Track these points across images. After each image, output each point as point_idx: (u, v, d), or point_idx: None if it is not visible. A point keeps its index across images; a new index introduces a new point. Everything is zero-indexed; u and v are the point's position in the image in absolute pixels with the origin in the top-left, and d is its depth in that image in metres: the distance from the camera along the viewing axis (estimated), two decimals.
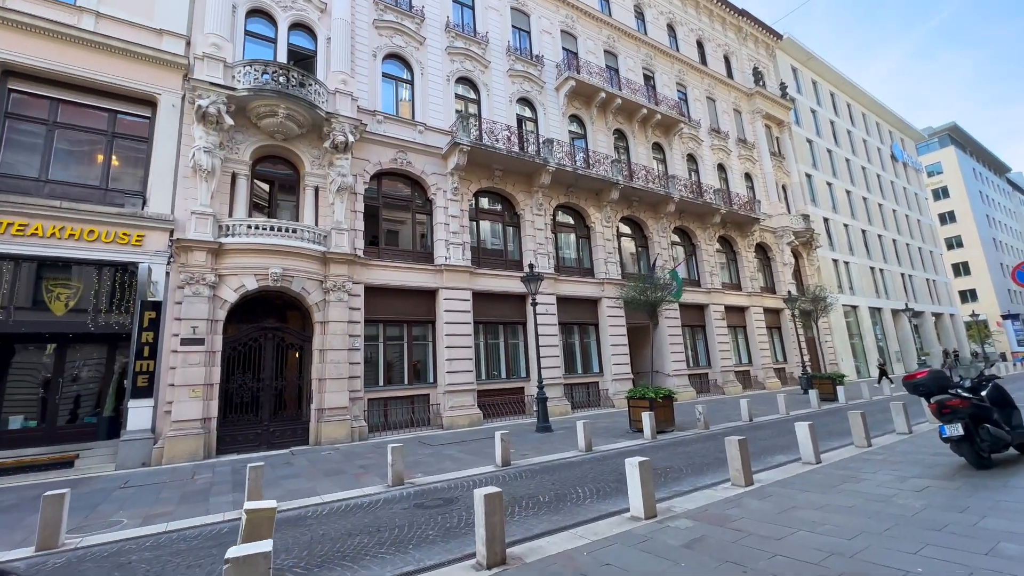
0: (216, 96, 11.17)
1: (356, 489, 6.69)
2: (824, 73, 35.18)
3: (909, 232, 39.76)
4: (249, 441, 10.96)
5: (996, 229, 57.18)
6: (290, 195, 13.26)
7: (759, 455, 7.79)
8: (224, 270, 11.01)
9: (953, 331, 41.16)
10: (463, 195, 15.31)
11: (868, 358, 29.99)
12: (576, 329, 17.79)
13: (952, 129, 57.27)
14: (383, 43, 15.07)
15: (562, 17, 20.19)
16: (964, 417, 5.61)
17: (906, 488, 5.00)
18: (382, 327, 13.72)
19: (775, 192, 26.90)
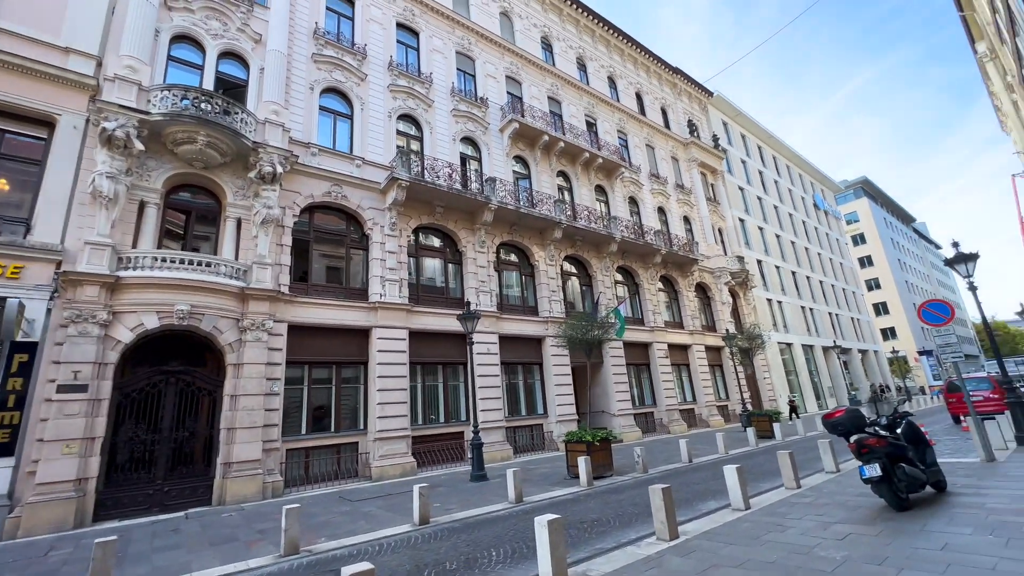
0: (126, 119, 10.36)
1: (239, 563, 5.73)
2: (751, 128, 38.28)
3: (834, 274, 42.81)
4: (137, 504, 9.52)
5: (907, 272, 62.86)
6: (211, 227, 12.33)
7: (692, 501, 7.47)
8: (120, 307, 9.86)
9: (878, 367, 43.93)
10: (402, 231, 14.87)
11: (804, 393, 31.20)
12: (520, 369, 17.33)
13: (864, 183, 63.55)
14: (321, 77, 14.82)
15: (507, 64, 20.87)
16: (881, 457, 5.55)
17: (829, 537, 4.77)
18: (307, 369, 12.70)
19: (712, 235, 28.27)
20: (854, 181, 63.92)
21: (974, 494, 5.95)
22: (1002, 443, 9.35)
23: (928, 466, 6.00)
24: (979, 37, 22.75)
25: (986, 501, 5.54)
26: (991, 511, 5.11)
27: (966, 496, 5.88)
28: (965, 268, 10.45)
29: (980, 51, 23.63)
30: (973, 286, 10.35)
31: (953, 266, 10.70)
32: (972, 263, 10.43)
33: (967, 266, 10.42)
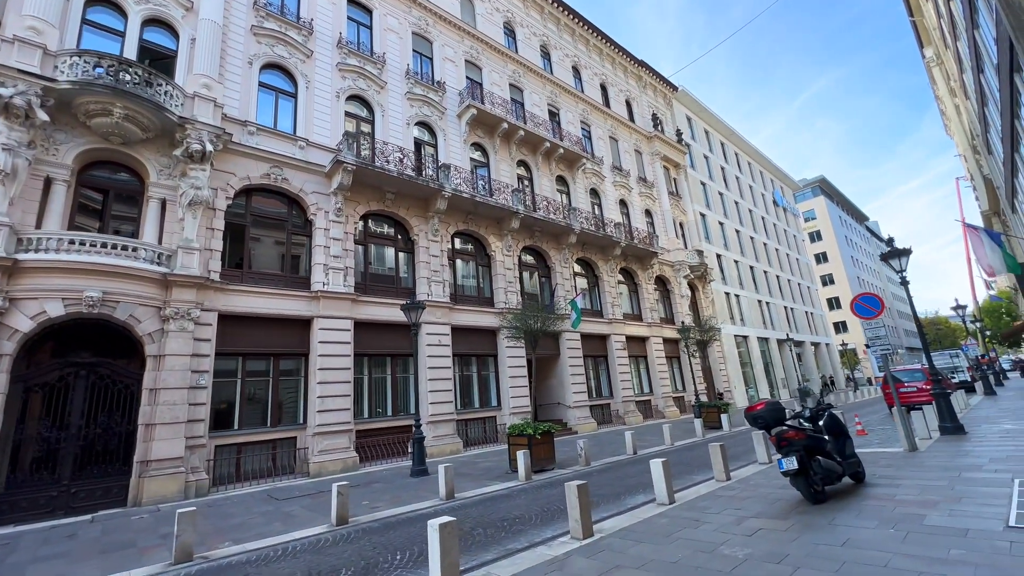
0: (26, 86, 9.39)
1: (120, 573, 5.23)
2: (715, 124, 38.85)
3: (790, 269, 44.20)
4: (39, 507, 8.75)
5: (859, 269, 65.70)
6: (133, 208, 11.43)
7: (622, 495, 7.36)
8: (19, 293, 8.98)
9: (829, 359, 45.80)
10: (348, 217, 14.24)
11: (759, 385, 32.15)
12: (474, 361, 17.03)
13: (821, 181, 65.85)
14: (261, 51, 13.94)
15: (467, 48, 20.28)
16: (799, 449, 5.51)
17: (739, 533, 4.67)
18: (242, 361, 12.02)
19: (673, 228, 28.57)
20: (812, 180, 66.14)
21: (888, 484, 6.01)
22: (926, 433, 9.65)
23: (847, 458, 6.02)
24: (927, 42, 23.56)
25: (897, 492, 5.58)
26: (899, 503, 5.13)
27: (880, 487, 5.93)
28: (899, 263, 10.72)
29: (928, 55, 24.52)
30: (905, 280, 10.62)
31: (887, 261, 10.96)
32: (905, 258, 10.70)
33: (900, 261, 10.68)
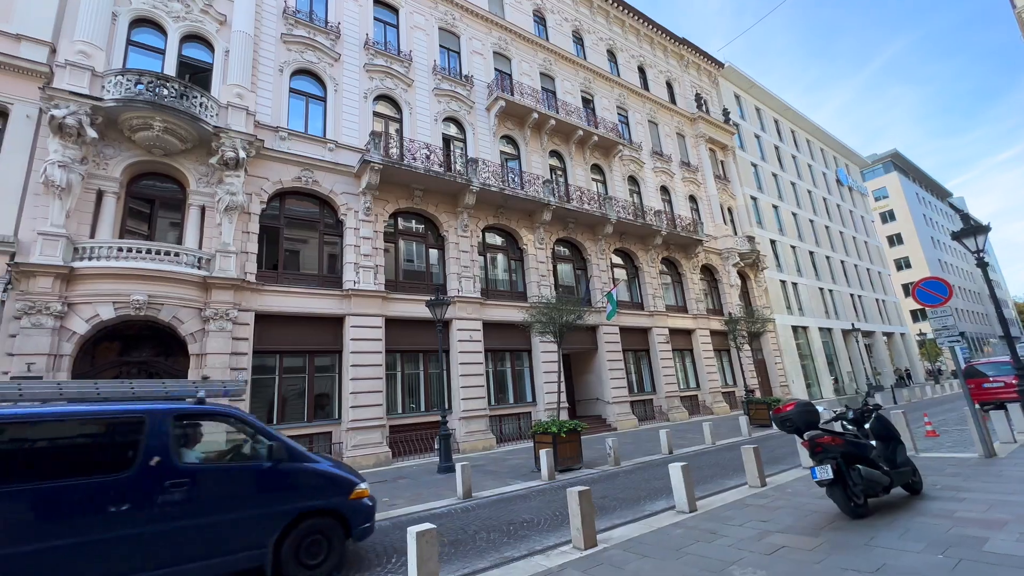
0: (77, 106, 10.13)
1: None
2: (767, 100, 36.28)
3: (857, 253, 40.68)
4: None
5: (941, 250, 59.53)
6: (176, 215, 12.15)
7: (642, 500, 6.91)
8: (76, 298, 9.75)
9: (905, 350, 41.85)
10: (377, 216, 14.44)
11: (820, 379, 29.89)
12: (507, 356, 16.87)
13: (894, 156, 60.05)
14: (292, 58, 14.36)
15: (495, 39, 19.99)
16: (836, 456, 4.87)
17: (757, 550, 4.17)
18: (279, 358, 12.51)
19: (720, 214, 26.98)
20: (883, 155, 60.47)
21: (950, 498, 5.21)
22: (1010, 436, 8.42)
23: (897, 466, 5.27)
24: None
25: (958, 508, 4.81)
26: (958, 521, 4.40)
27: (940, 501, 5.15)
28: (974, 242, 9.40)
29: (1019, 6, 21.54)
30: (983, 261, 9.30)
31: (961, 240, 9.64)
32: (982, 236, 9.37)
33: (976, 239, 9.36)
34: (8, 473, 3.76)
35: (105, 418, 4.29)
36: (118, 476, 4.04)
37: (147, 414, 4.35)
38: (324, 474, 4.97)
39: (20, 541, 3.62)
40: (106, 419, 4.30)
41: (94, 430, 4.30)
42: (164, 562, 3.99)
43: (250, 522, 4.42)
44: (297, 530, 4.59)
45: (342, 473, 5.11)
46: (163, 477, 4.16)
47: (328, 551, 4.70)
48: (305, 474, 4.86)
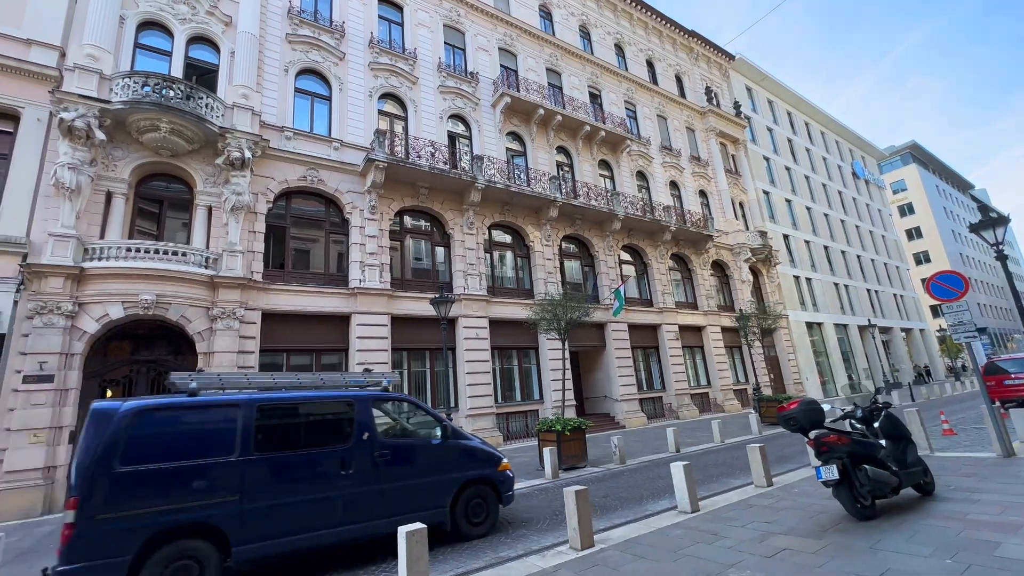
0: (86, 109, 10.27)
1: None
2: (779, 92, 35.59)
3: (874, 248, 39.78)
4: None
5: (962, 244, 57.97)
6: (184, 215, 12.29)
7: (645, 499, 6.81)
8: (86, 298, 9.91)
9: (924, 346, 40.88)
10: (383, 214, 14.46)
11: (835, 376, 29.32)
12: (515, 353, 16.80)
13: (913, 148, 58.56)
14: (297, 58, 14.42)
15: (500, 35, 19.87)
16: (842, 456, 4.72)
17: (757, 553, 4.05)
18: (286, 356, 12.61)
19: (731, 209, 26.55)
20: (902, 146, 59.01)
21: (963, 500, 5.02)
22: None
23: (907, 466, 5.10)
24: None
25: (971, 510, 4.62)
26: (969, 524, 4.23)
27: (952, 502, 4.96)
28: (993, 234, 9.07)
29: None
30: (1002, 254, 8.97)
31: (980, 232, 9.31)
32: (1002, 228, 9.03)
33: (996, 232, 9.03)
34: (269, 444, 4.87)
35: (331, 401, 5.42)
36: (342, 447, 5.13)
37: (356, 399, 5.45)
38: (480, 449, 6.11)
39: (281, 494, 4.71)
40: (331, 402, 5.42)
41: (325, 411, 5.41)
42: (377, 515, 5.07)
43: (434, 486, 5.53)
44: (464, 494, 5.69)
45: (491, 449, 6.23)
46: (372, 448, 5.27)
47: (487, 512, 5.82)
48: (467, 449, 6.00)
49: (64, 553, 3.81)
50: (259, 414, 4.85)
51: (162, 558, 4.09)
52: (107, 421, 4.26)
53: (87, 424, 4.25)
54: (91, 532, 3.92)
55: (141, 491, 4.19)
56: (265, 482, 4.67)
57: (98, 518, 3.97)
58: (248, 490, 4.54)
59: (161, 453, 4.38)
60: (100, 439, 4.17)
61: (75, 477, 4.05)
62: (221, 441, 4.62)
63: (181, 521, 4.23)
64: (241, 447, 4.65)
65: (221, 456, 4.56)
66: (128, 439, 4.26)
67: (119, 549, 3.96)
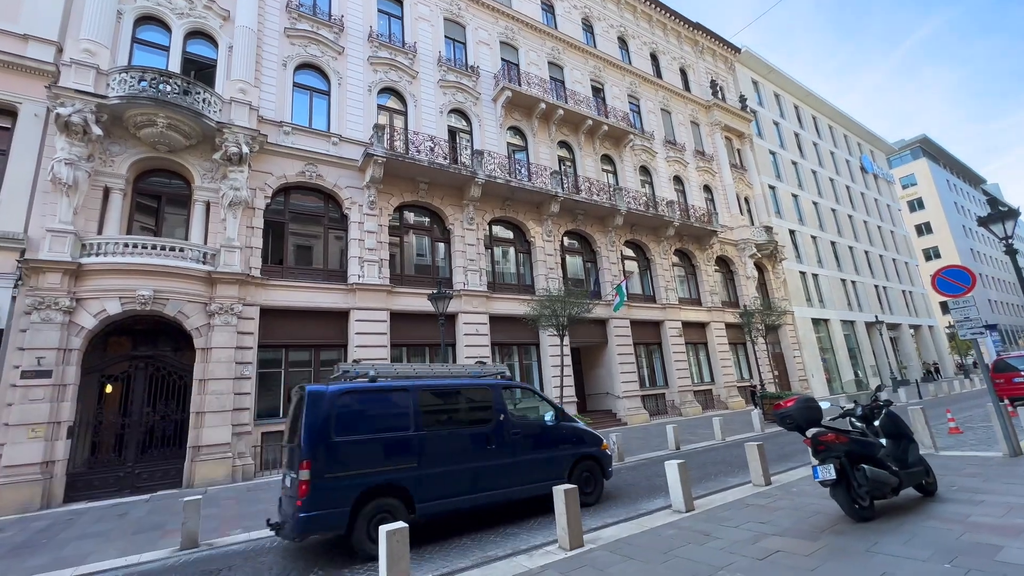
0: (82, 104, 10.25)
1: (133, 556, 5.52)
2: (786, 86, 35.09)
3: (883, 243, 39.25)
4: (108, 486, 9.72)
5: (973, 239, 57.09)
6: (183, 211, 12.28)
7: (640, 498, 6.71)
8: (84, 293, 9.92)
9: (933, 343, 40.35)
10: (382, 209, 14.38)
11: (842, 373, 29.00)
12: (515, 350, 16.72)
13: (923, 141, 57.64)
14: (295, 52, 14.33)
15: (501, 28, 19.68)
16: (839, 455, 4.59)
17: (750, 554, 3.93)
18: (285, 352, 12.59)
19: (736, 204, 26.24)
20: (911, 140, 58.10)
21: (966, 501, 4.86)
22: None
23: (908, 466, 4.95)
24: None
25: (973, 512, 4.47)
26: (971, 527, 4.08)
27: (954, 504, 4.81)
28: (1003, 227, 8.83)
29: None
30: (1011, 248, 8.73)
31: (988, 226, 9.07)
32: (1011, 221, 8.79)
33: (1004, 225, 8.79)
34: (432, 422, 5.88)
35: (474, 387, 6.48)
36: (486, 426, 6.19)
37: (491, 385, 6.53)
38: (586, 431, 7.13)
39: (445, 463, 5.71)
40: (475, 388, 6.48)
41: (470, 395, 6.45)
42: (514, 483, 6.11)
43: (555, 460, 6.56)
44: (578, 468, 6.67)
45: (594, 431, 7.25)
46: (508, 427, 6.30)
47: (595, 484, 6.80)
48: (577, 430, 7.02)
49: (304, 502, 4.81)
50: (421, 397, 5.87)
51: (369, 511, 5.08)
52: (322, 400, 5.27)
53: (307, 403, 5.23)
54: (321, 487, 4.92)
55: (351, 457, 5.21)
56: (433, 453, 5.64)
57: (325, 476, 4.98)
58: (422, 459, 5.53)
59: (361, 426, 5.41)
60: (319, 414, 5.18)
61: (304, 445, 5.01)
62: (400, 418, 5.65)
63: (380, 481, 5.25)
64: (415, 424, 5.66)
65: (402, 431, 5.59)
66: (337, 414, 5.27)
67: (341, 501, 4.99)
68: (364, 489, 5.11)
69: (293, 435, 5.46)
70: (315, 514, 4.83)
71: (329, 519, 4.92)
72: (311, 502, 4.83)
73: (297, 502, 4.83)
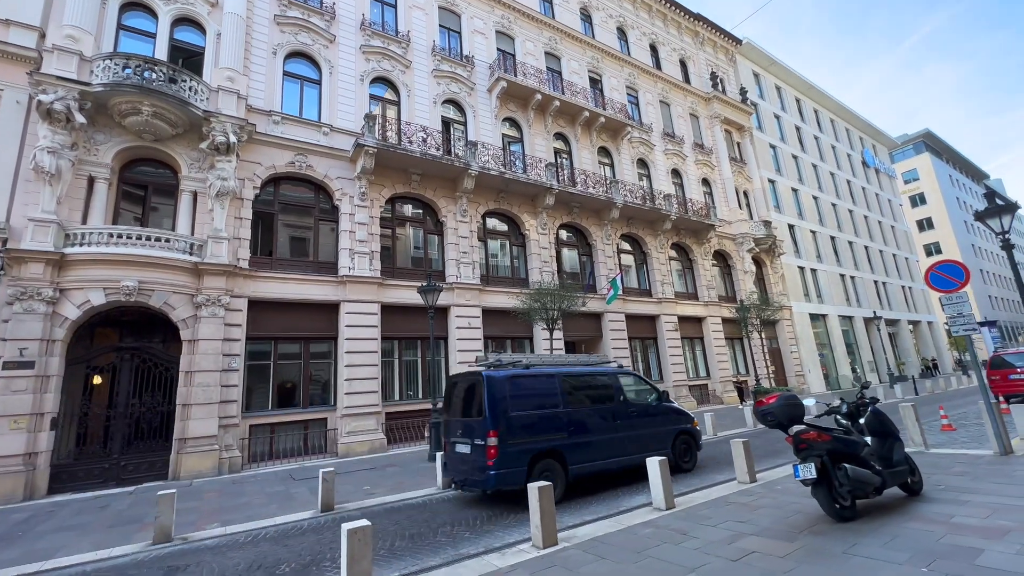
0: (65, 92, 10.07)
1: (104, 551, 5.43)
2: (788, 79, 34.68)
3: (883, 239, 38.99)
4: (94, 477, 9.65)
5: (975, 235, 56.74)
6: (170, 201, 12.12)
7: (621, 495, 6.61)
8: (67, 284, 9.80)
9: (932, 339, 40.21)
10: (373, 201, 14.22)
11: (839, 369, 28.89)
12: (509, 343, 16.61)
13: (926, 136, 57.12)
14: (285, 40, 14.10)
15: (497, 18, 19.38)
16: (821, 454, 4.47)
17: (724, 555, 3.83)
18: (274, 344, 12.49)
19: (735, 198, 25.99)
20: (914, 135, 57.58)
21: (951, 501, 4.75)
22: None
23: (892, 465, 4.83)
24: None
25: (957, 512, 4.36)
26: (953, 528, 3.97)
27: (938, 503, 4.70)
28: (1000, 222, 8.66)
29: None
30: (1008, 243, 8.57)
31: (985, 220, 8.90)
32: (1008, 216, 8.62)
33: (1002, 220, 8.62)
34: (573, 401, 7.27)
35: (600, 374, 8.04)
36: (611, 405, 7.70)
37: (611, 372, 8.17)
38: (682, 410, 8.61)
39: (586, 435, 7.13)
40: (600, 374, 8.02)
41: (597, 380, 7.91)
42: (633, 452, 7.45)
43: (662, 435, 7.98)
44: (678, 441, 8.13)
45: (687, 411, 8.68)
46: (627, 407, 7.83)
47: (691, 455, 8.34)
48: (675, 409, 8.47)
49: (494, 463, 6.18)
50: (564, 382, 7.29)
51: (539, 469, 6.42)
52: (498, 383, 6.64)
53: (487, 386, 6.57)
54: (505, 451, 6.28)
55: (523, 428, 6.60)
56: (577, 426, 6.98)
57: (508, 443, 6.34)
58: (570, 431, 6.86)
59: (526, 404, 6.78)
60: (498, 394, 6.56)
61: (490, 418, 6.37)
62: (551, 398, 7.04)
63: (544, 447, 6.64)
64: (563, 403, 7.08)
65: (553, 408, 6.99)
66: (510, 394, 6.65)
67: (520, 462, 6.35)
68: (534, 453, 6.48)
69: (466, 412, 6.92)
70: (503, 472, 6.17)
71: (512, 476, 6.22)
72: (499, 463, 6.18)
73: (488, 463, 6.18)
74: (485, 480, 6.21)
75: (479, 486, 6.42)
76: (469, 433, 6.66)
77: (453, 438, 7.06)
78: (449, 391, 7.57)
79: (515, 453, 6.30)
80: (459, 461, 6.81)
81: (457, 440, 6.93)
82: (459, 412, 7.11)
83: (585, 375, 7.77)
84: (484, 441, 6.25)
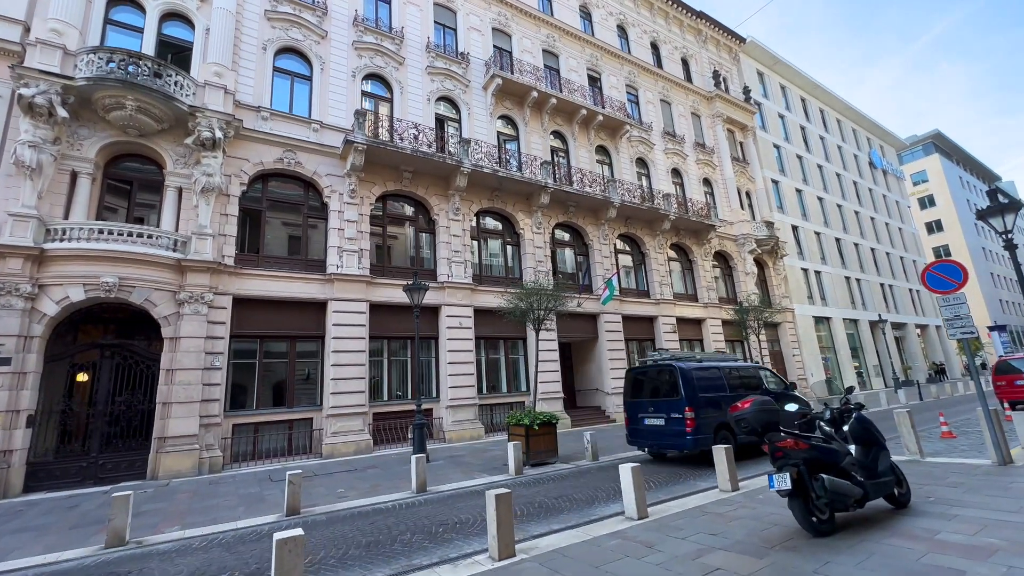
0: (47, 85, 9.97)
1: (56, 553, 5.24)
2: (793, 78, 34.19)
3: (890, 241, 38.34)
4: (71, 476, 9.52)
5: (984, 238, 55.74)
6: (154, 197, 12.00)
7: (597, 501, 6.33)
8: (46, 279, 9.68)
9: (940, 344, 39.47)
10: (364, 198, 14.04)
11: (844, 373, 28.36)
12: (501, 344, 16.36)
13: (936, 137, 56.21)
14: (276, 35, 13.97)
15: (494, 15, 19.16)
16: (798, 463, 4.19)
17: (688, 571, 3.56)
18: (260, 343, 12.33)
19: (737, 198, 25.60)
20: (924, 136, 56.68)
21: (939, 515, 4.45)
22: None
23: (876, 476, 4.54)
24: None
25: (943, 528, 4.06)
26: (937, 545, 3.68)
27: (925, 517, 4.40)
28: (1002, 221, 8.30)
29: None
30: (1011, 243, 8.21)
31: (987, 219, 8.55)
32: (1011, 215, 8.26)
33: (1004, 218, 8.26)
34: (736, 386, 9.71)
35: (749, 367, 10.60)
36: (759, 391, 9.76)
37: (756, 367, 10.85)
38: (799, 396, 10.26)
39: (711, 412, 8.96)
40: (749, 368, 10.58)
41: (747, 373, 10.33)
42: None
43: None
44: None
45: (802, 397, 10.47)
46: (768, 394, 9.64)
47: None
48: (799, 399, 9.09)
49: (692, 431, 8.49)
50: (727, 373, 9.72)
51: (720, 436, 8.73)
52: (687, 372, 8.96)
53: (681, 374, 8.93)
54: (699, 422, 8.61)
55: (706, 406, 8.85)
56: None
57: (700, 416, 8.65)
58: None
59: (707, 388, 9.10)
60: (690, 381, 8.90)
61: (686, 398, 8.70)
62: (719, 385, 9.40)
63: (720, 421, 8.82)
64: (727, 388, 9.44)
65: (722, 392, 9.29)
66: (696, 382, 8.94)
67: (708, 431, 8.71)
68: (716, 424, 8.74)
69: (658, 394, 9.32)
70: (699, 437, 8.50)
71: (704, 440, 8.51)
72: (695, 431, 8.51)
73: (687, 430, 8.51)
74: (684, 443, 8.52)
75: (679, 448, 8.72)
76: (664, 409, 8.95)
77: (643, 414, 9.40)
78: (633, 380, 9.96)
79: (704, 423, 8.59)
80: (651, 433, 9.20)
81: (647, 416, 9.28)
82: (649, 395, 9.47)
83: (740, 368, 10.22)
84: (682, 414, 8.55)
